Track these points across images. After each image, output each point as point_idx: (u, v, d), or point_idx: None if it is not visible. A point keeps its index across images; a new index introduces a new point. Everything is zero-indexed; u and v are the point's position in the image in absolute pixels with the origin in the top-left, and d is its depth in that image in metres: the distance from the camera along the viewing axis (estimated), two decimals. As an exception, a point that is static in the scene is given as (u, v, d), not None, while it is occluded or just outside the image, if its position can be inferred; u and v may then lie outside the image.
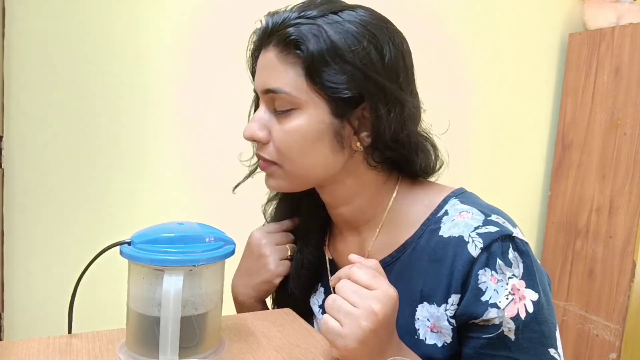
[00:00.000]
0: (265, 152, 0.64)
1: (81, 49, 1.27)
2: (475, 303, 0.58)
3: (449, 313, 0.60)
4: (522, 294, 0.58)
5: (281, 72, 0.60)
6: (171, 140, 1.39)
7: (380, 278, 0.56)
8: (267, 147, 0.64)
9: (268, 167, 0.65)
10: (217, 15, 1.41)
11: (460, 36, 1.81)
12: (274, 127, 0.63)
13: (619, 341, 1.78)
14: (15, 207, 1.24)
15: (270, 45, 0.62)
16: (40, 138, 1.25)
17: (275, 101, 0.62)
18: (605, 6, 1.90)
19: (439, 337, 0.62)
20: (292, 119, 0.61)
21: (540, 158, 2.09)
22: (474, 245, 0.59)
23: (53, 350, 0.58)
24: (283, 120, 0.62)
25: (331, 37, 0.58)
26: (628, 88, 1.79)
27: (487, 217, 0.61)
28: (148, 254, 0.54)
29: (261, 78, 0.63)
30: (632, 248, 1.76)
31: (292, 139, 0.61)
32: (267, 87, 0.62)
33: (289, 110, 0.61)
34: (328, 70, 0.58)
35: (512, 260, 0.58)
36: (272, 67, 0.61)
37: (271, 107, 0.63)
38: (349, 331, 0.52)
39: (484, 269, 0.58)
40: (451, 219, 0.63)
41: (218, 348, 0.60)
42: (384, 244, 0.69)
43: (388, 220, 0.68)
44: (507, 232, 0.59)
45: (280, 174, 0.65)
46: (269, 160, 0.64)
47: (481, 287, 0.58)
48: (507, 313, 0.57)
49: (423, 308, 0.63)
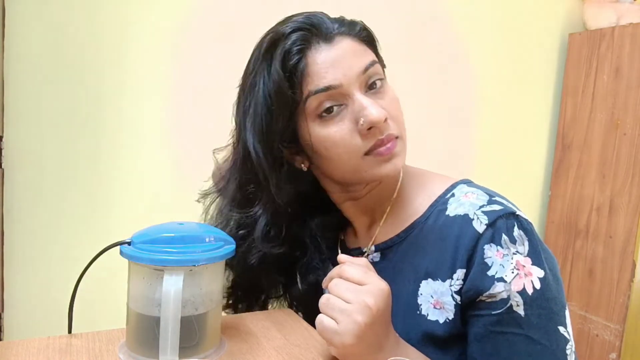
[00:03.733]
0: (391, 129, 0.63)
1: (81, 49, 1.27)
2: (481, 277, 0.58)
3: (453, 288, 0.61)
4: (528, 270, 0.58)
5: (364, 51, 0.65)
6: (172, 140, 1.39)
7: (371, 273, 0.57)
8: (388, 124, 0.63)
9: (395, 145, 0.63)
10: (217, 16, 1.41)
11: (460, 36, 1.81)
12: (382, 104, 0.63)
13: (619, 341, 1.78)
14: (15, 207, 1.24)
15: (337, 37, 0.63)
16: (40, 138, 1.25)
17: (374, 76, 0.64)
18: (605, 6, 1.90)
19: (442, 313, 0.62)
20: (387, 90, 0.66)
21: (540, 158, 2.08)
22: (479, 221, 0.60)
23: (53, 350, 0.58)
24: (382, 93, 0.65)
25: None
26: (628, 88, 1.79)
27: (491, 197, 0.63)
28: (148, 254, 0.54)
29: (351, 63, 0.62)
30: (632, 248, 1.76)
31: (398, 104, 0.66)
32: (366, 63, 0.63)
33: (381, 84, 0.65)
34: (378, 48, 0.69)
35: (517, 237, 0.59)
36: (356, 50, 0.64)
37: (363, 89, 0.63)
38: (344, 327, 0.53)
39: (490, 244, 0.59)
40: (457, 200, 0.65)
41: (218, 348, 0.60)
42: (391, 227, 0.70)
43: (395, 205, 0.71)
44: (511, 210, 0.61)
45: (402, 146, 0.65)
46: (397, 135, 0.64)
47: (487, 261, 0.58)
48: (513, 287, 0.57)
49: (427, 285, 0.63)
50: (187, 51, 1.39)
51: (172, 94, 1.38)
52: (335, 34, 0.63)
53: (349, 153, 0.63)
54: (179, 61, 1.38)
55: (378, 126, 0.61)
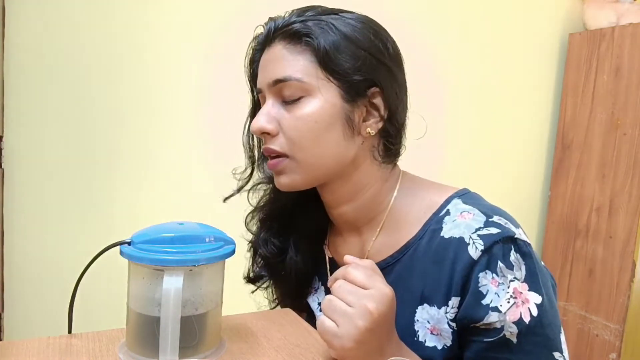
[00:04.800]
0: (275, 144, 0.63)
1: (81, 49, 1.27)
2: (475, 306, 0.57)
3: (449, 316, 0.60)
4: (525, 297, 0.57)
5: (290, 61, 0.61)
6: (172, 140, 1.39)
7: (376, 277, 0.56)
8: (277, 139, 0.63)
9: (279, 163, 0.63)
10: (218, 16, 1.41)
11: (460, 36, 1.81)
12: (283, 118, 0.62)
13: (619, 341, 1.78)
14: (15, 207, 1.24)
15: (275, 42, 0.63)
16: (40, 138, 1.25)
17: (285, 91, 0.62)
18: (605, 6, 1.90)
19: (439, 339, 0.61)
20: (303, 105, 0.61)
21: (540, 158, 2.09)
22: (475, 247, 0.58)
23: (53, 350, 0.58)
24: (293, 109, 0.62)
25: (339, 28, 0.61)
26: (628, 88, 1.79)
27: (488, 218, 0.60)
28: (148, 254, 0.54)
29: (267, 71, 0.63)
30: (632, 248, 1.76)
31: (304, 125, 0.61)
32: (276, 77, 0.61)
33: (299, 98, 0.61)
34: (340, 55, 0.60)
35: (514, 262, 0.58)
36: (279, 58, 0.62)
37: (279, 99, 0.63)
38: (345, 331, 0.52)
39: (485, 272, 0.57)
40: (452, 219, 0.62)
41: (218, 348, 0.60)
42: (385, 245, 0.68)
43: (389, 220, 0.68)
44: (508, 234, 0.59)
45: (293, 167, 0.63)
46: (279, 152, 0.63)
47: (482, 290, 0.57)
48: (508, 317, 0.56)
49: (423, 310, 0.63)
50: (188, 51, 1.39)
51: (173, 94, 1.38)
52: (274, 37, 0.63)
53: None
54: (179, 61, 1.38)
55: (261, 137, 0.66)
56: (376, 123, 0.64)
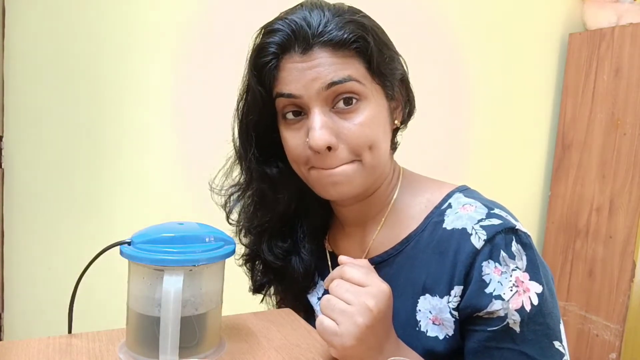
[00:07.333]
0: (337, 158, 0.60)
1: (81, 49, 1.27)
2: (479, 295, 0.58)
3: (451, 305, 0.60)
4: (526, 286, 0.57)
5: (342, 65, 0.59)
6: (172, 140, 1.39)
7: (373, 275, 0.57)
8: (338, 152, 0.60)
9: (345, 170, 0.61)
10: (215, 16, 1.41)
11: (460, 36, 1.81)
12: (342, 127, 0.60)
13: (619, 341, 1.78)
14: (15, 207, 1.24)
15: (317, 47, 0.59)
16: (40, 138, 1.25)
17: (340, 95, 0.59)
18: (605, 6, 1.90)
19: (441, 329, 0.61)
20: (361, 110, 0.60)
21: (540, 158, 2.09)
22: (477, 237, 0.59)
23: (53, 350, 0.58)
24: (351, 116, 0.60)
25: (373, 28, 0.62)
26: (628, 88, 1.79)
27: (490, 210, 0.62)
28: (148, 254, 0.54)
29: (314, 76, 0.58)
30: (632, 248, 1.76)
31: (369, 130, 0.60)
32: (332, 80, 0.58)
33: (353, 103, 0.60)
34: (383, 58, 0.62)
35: (516, 252, 0.58)
36: (329, 63, 0.59)
37: (327, 106, 0.60)
38: (345, 329, 0.52)
39: (488, 261, 0.58)
40: (454, 212, 0.64)
41: (218, 348, 0.60)
42: (386, 238, 0.69)
43: (391, 214, 0.69)
44: (510, 225, 0.60)
45: (357, 171, 0.61)
46: (343, 162, 0.60)
47: (485, 279, 0.58)
48: (511, 305, 0.56)
49: (425, 300, 0.63)
50: (188, 51, 1.39)
51: (173, 94, 1.38)
52: (313, 44, 0.58)
53: (297, 162, 0.64)
54: (180, 62, 1.38)
55: (320, 152, 0.60)
56: (399, 113, 0.67)
